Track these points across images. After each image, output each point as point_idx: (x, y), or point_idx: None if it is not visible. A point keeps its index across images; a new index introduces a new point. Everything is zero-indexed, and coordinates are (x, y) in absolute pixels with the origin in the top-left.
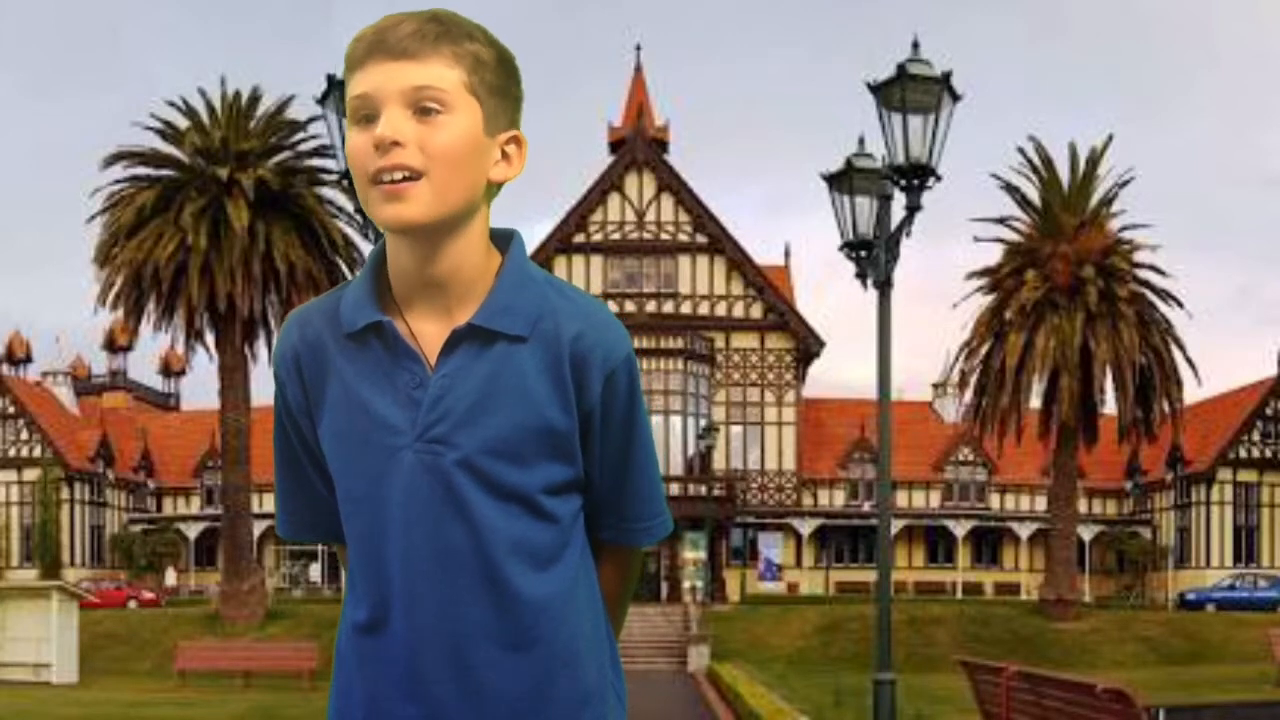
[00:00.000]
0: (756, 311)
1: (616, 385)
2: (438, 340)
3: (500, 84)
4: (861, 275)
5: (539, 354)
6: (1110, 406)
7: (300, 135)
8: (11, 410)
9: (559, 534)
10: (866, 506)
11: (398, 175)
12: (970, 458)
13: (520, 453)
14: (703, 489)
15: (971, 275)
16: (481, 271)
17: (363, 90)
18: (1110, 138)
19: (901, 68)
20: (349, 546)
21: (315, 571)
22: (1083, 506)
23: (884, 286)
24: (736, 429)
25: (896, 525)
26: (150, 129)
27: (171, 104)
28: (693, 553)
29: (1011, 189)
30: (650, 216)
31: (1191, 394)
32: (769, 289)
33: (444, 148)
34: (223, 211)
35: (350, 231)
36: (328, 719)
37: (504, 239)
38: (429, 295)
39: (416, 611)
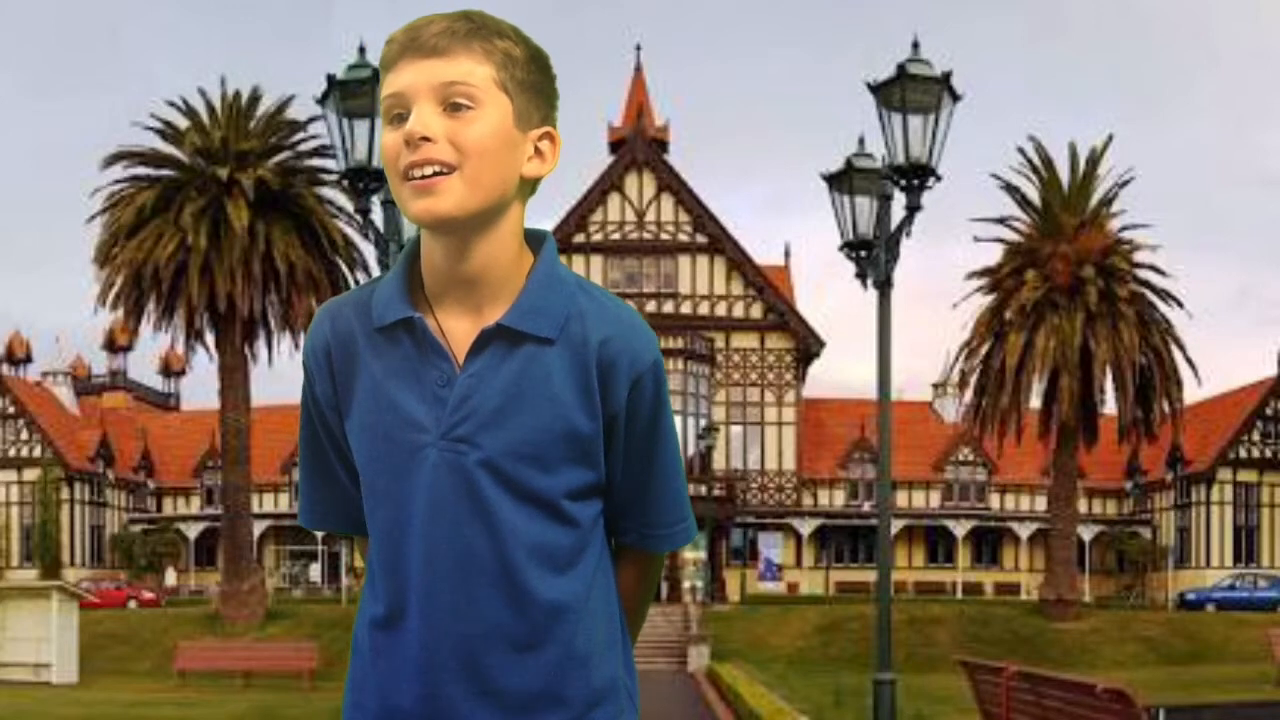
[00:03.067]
0: (756, 311)
1: (642, 391)
2: (467, 339)
3: (532, 80)
4: (861, 275)
5: (566, 357)
6: (1110, 406)
7: (300, 135)
8: (11, 410)
9: (578, 538)
10: (866, 506)
11: (428, 170)
12: (970, 458)
13: (543, 456)
14: (703, 489)
15: (971, 275)
16: (513, 270)
17: (395, 89)
18: (1110, 138)
19: (901, 68)
20: (371, 540)
21: (315, 571)
22: (1083, 506)
23: (884, 286)
24: (736, 429)
25: (896, 525)
26: (150, 129)
27: (171, 104)
28: (693, 553)
29: (1011, 189)
30: (650, 216)
31: (1191, 394)
32: (769, 289)
33: (474, 142)
34: (223, 211)
35: (350, 231)
36: (342, 709)
37: (536, 239)
38: (460, 293)
39: (433, 609)
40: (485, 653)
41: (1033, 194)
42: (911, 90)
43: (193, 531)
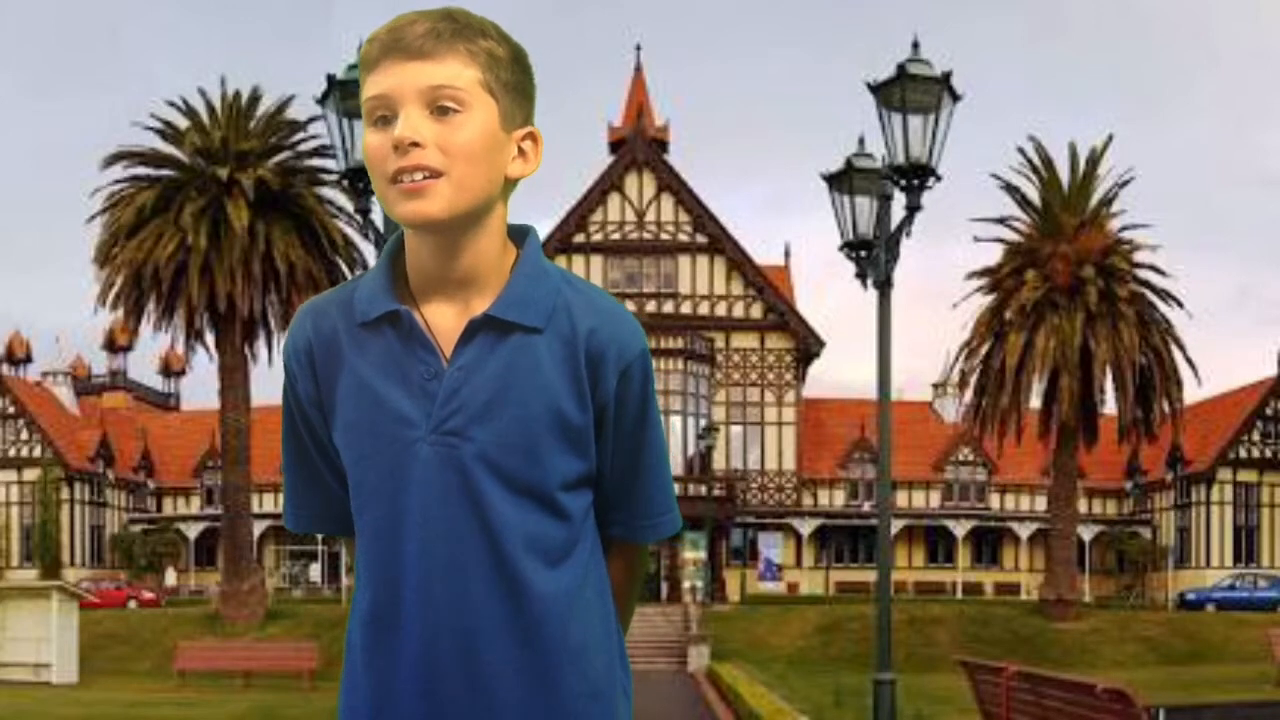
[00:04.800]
0: (756, 311)
1: (630, 381)
2: (453, 332)
3: (515, 80)
4: (861, 275)
5: (554, 347)
6: (1110, 406)
7: (300, 135)
8: (11, 410)
9: (571, 530)
10: (866, 506)
11: (418, 175)
12: (970, 458)
13: (535, 447)
14: (703, 489)
15: (971, 275)
16: (498, 266)
17: (379, 91)
18: (1110, 138)
19: (901, 68)
20: (359, 539)
21: (315, 571)
22: (1083, 506)
23: (884, 286)
24: (736, 429)
25: (896, 525)
26: (150, 129)
27: (171, 104)
28: (693, 553)
29: (1011, 189)
30: (650, 216)
31: (1191, 394)
32: (769, 289)
33: (463, 146)
34: (223, 211)
35: (350, 231)
36: (338, 710)
37: (519, 234)
38: (446, 289)
39: (430, 605)
40: (483, 647)
41: (1033, 194)
42: (911, 90)
43: (193, 531)
